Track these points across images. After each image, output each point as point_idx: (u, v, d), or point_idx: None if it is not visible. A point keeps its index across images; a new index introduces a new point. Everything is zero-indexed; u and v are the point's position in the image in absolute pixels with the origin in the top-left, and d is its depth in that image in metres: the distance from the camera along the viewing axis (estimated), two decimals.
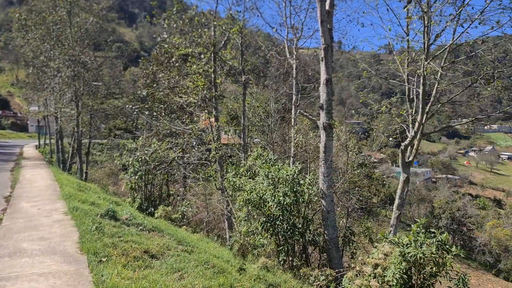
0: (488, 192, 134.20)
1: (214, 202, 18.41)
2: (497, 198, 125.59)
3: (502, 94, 12.03)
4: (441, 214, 70.42)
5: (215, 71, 17.76)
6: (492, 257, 66.42)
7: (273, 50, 17.32)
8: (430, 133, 15.40)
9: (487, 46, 11.67)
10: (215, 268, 8.31)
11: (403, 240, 9.15)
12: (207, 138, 17.23)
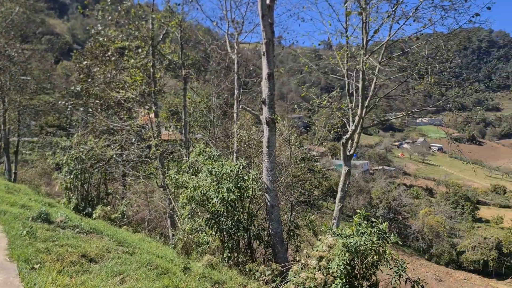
0: (421, 181, 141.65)
1: (155, 200, 17.91)
2: (429, 187, 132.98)
3: (434, 88, 12.56)
4: (378, 204, 73.41)
5: (154, 65, 17.23)
6: (425, 243, 70.24)
7: (214, 44, 17.06)
8: (369, 127, 15.87)
9: (420, 43, 12.13)
10: (159, 269, 8.03)
11: (345, 232, 9.32)
12: (147, 135, 16.71)
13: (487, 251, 69.74)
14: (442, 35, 12.11)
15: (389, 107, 51.34)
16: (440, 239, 71.71)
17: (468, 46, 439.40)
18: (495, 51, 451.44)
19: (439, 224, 76.93)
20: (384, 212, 72.13)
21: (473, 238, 73.52)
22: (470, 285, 56.59)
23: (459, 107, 12.81)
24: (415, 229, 71.08)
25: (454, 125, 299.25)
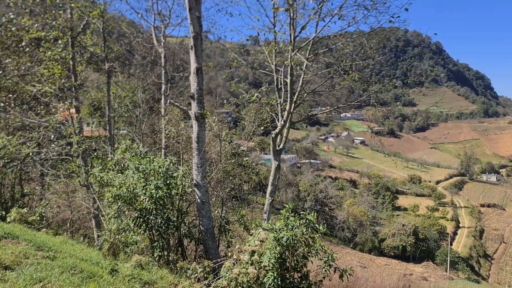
0: (345, 174, 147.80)
1: (78, 200, 17.00)
2: (353, 179, 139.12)
3: (357, 84, 13.03)
4: (306, 197, 75.69)
5: (74, 58, 16.28)
6: (350, 232, 73.57)
7: (139, 37, 16.47)
8: (298, 122, 16.16)
9: (345, 40, 12.52)
10: (84, 273, 7.59)
11: (276, 225, 9.40)
12: (68, 131, 15.77)
13: (405, 237, 74.45)
14: (364, 33, 12.57)
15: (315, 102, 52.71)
16: (363, 228, 75.47)
17: (387, 44, 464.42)
18: (410, 50, 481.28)
19: (362, 213, 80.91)
20: (311, 204, 74.46)
21: (393, 226, 78.18)
22: (390, 270, 60.10)
23: (380, 102, 13.40)
24: (340, 219, 74.20)
25: (375, 119, 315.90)
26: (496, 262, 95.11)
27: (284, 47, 12.09)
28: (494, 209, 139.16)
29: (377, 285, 18.88)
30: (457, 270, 73.32)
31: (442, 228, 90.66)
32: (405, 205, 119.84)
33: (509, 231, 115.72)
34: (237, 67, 13.45)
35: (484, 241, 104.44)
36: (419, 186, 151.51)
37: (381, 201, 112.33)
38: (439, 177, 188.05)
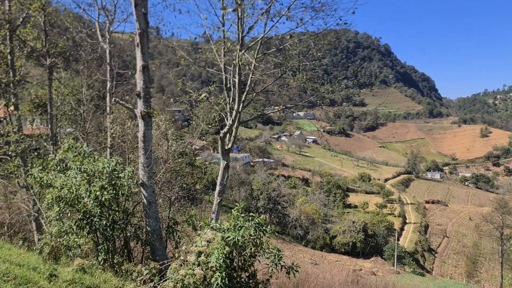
0: (298, 172, 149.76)
1: (18, 202, 16.19)
2: (305, 177, 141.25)
3: (307, 85, 13.18)
4: (259, 195, 76.05)
5: (13, 52, 15.49)
6: (302, 230, 74.64)
7: (83, 32, 15.87)
8: (247, 121, 16.17)
9: (293, 41, 12.64)
10: (18, 279, 7.22)
11: (224, 225, 9.36)
12: (5, 130, 14.97)
13: (355, 234, 76.41)
14: (312, 34, 12.73)
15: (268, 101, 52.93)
16: (315, 225, 76.76)
17: (338, 45, 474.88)
18: (360, 51, 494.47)
19: (314, 211, 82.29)
20: (264, 202, 74.93)
21: (344, 223, 80.00)
22: (341, 266, 61.44)
23: (327, 103, 13.63)
24: (293, 217, 75.07)
25: (327, 119, 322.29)
26: (439, 255, 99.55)
27: (232, 46, 12.04)
28: (438, 205, 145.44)
29: (327, 281, 19.23)
30: (404, 264, 76.07)
31: (390, 224, 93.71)
32: (356, 202, 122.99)
33: (451, 226, 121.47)
34: (188, 65, 13.28)
35: (428, 236, 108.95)
36: (369, 184, 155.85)
37: (333, 199, 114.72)
38: (388, 175, 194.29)
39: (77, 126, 18.08)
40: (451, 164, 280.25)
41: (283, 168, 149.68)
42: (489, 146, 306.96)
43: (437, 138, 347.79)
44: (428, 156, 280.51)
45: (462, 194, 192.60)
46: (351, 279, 25.34)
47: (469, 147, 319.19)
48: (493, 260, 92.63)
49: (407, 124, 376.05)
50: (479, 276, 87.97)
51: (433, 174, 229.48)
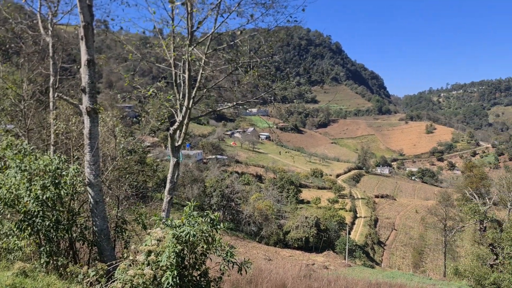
0: (251, 169, 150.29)
1: None
2: (259, 174, 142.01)
3: (257, 81, 13.17)
4: (212, 193, 75.64)
5: None
6: (256, 226, 74.95)
7: (23, 24, 15.08)
8: (198, 117, 15.99)
9: (243, 37, 12.59)
10: None
11: (175, 223, 9.22)
12: None
13: (308, 229, 77.60)
14: (263, 31, 12.73)
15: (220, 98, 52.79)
16: (269, 221, 77.29)
17: (290, 43, 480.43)
18: (312, 49, 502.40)
19: (268, 207, 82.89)
20: (218, 200, 74.65)
21: (297, 218, 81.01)
22: (294, 261, 62.24)
23: (279, 99, 13.69)
24: (247, 214, 75.24)
25: (279, 115, 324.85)
26: (388, 248, 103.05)
27: (181, 41, 11.84)
28: (387, 199, 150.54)
29: (280, 276, 19.38)
30: (355, 258, 78.12)
31: (341, 219, 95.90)
32: (308, 198, 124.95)
33: (399, 219, 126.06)
34: (136, 60, 12.94)
35: (378, 229, 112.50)
36: (321, 180, 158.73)
37: (286, 195, 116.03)
38: (339, 170, 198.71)
39: (17, 123, 17.19)
40: (399, 160, 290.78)
41: (236, 165, 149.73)
42: (434, 142, 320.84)
43: (386, 134, 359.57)
44: (378, 152, 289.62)
45: (409, 188, 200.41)
46: (304, 274, 25.71)
47: (415, 143, 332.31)
48: (437, 250, 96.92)
49: (358, 121, 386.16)
50: (425, 266, 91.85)
51: (382, 169, 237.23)
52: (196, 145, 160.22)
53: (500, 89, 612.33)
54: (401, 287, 26.30)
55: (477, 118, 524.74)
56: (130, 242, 12.26)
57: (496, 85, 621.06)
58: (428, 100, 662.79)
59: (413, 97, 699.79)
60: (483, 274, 22.13)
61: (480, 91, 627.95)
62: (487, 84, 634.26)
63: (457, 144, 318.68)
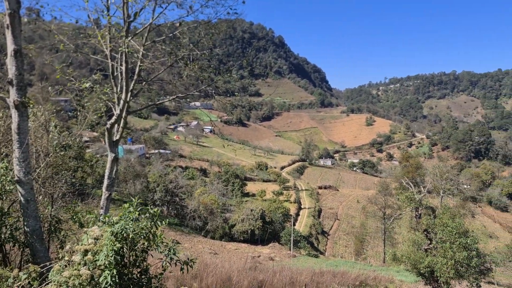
0: (196, 163, 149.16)
1: None
2: (203, 168, 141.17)
3: (197, 74, 12.94)
4: (156, 188, 74.22)
5: None
6: (201, 220, 74.43)
7: None
8: (138, 111, 15.55)
9: (183, 29, 12.33)
10: None
11: (114, 220, 8.92)
12: None
13: (253, 221, 78.16)
14: (203, 23, 12.53)
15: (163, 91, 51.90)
16: (214, 215, 77.05)
17: (233, 35, 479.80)
18: (255, 42, 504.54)
19: (213, 201, 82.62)
20: (161, 195, 73.42)
21: (242, 212, 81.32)
22: (240, 253, 62.56)
23: (219, 92, 13.59)
24: (191, 208, 74.51)
25: (223, 109, 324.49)
26: (331, 237, 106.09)
27: (116, 33, 11.40)
28: (330, 190, 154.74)
29: (225, 270, 19.30)
30: (300, 248, 79.70)
31: (286, 211, 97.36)
32: (253, 191, 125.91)
33: (342, 209, 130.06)
34: (71, 51, 12.32)
35: (322, 220, 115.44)
36: (266, 172, 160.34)
37: (231, 188, 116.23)
38: (283, 163, 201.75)
39: None
40: (341, 151, 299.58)
41: (180, 159, 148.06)
42: (373, 133, 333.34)
43: (328, 127, 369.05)
44: (321, 144, 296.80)
45: (351, 179, 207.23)
46: (250, 266, 25.85)
47: (356, 135, 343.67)
48: (377, 238, 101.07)
49: (301, 114, 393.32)
50: (366, 253, 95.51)
51: (325, 161, 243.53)
52: (138, 139, 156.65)
53: (433, 83, 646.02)
54: (343, 274, 27.04)
55: (413, 111, 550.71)
56: (66, 242, 11.73)
57: (430, 79, 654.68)
58: (367, 93, 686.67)
59: (353, 90, 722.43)
60: (418, 259, 23.23)
61: (416, 85, 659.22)
62: (422, 78, 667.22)
63: (394, 135, 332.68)
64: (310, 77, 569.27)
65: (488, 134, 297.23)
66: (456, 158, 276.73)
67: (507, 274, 64.67)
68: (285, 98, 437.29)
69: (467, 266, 21.75)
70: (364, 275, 27.82)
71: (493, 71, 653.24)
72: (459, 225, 22.76)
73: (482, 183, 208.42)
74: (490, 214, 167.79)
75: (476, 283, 22.37)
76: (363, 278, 26.42)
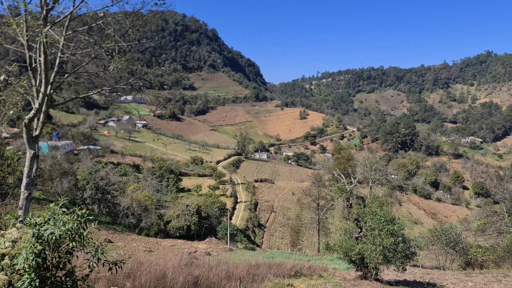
0: (128, 159, 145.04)
1: None
2: (136, 163, 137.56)
3: (126, 67, 12.44)
4: (85, 186, 71.17)
5: None
6: (135, 218, 72.50)
7: None
8: (60, 104, 14.77)
9: (107, 20, 11.79)
10: None
11: (36, 220, 8.42)
12: None
13: (189, 217, 77.43)
14: (129, 14, 12.07)
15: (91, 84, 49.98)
16: (148, 212, 75.32)
17: (165, 28, 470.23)
18: (188, 35, 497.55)
19: (147, 198, 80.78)
20: (92, 193, 70.61)
21: (178, 207, 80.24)
22: (177, 250, 61.76)
23: (148, 85, 13.17)
24: (124, 206, 72.30)
25: (156, 102, 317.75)
26: (268, 230, 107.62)
27: (32, 21, 10.67)
28: (266, 183, 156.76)
29: (160, 267, 18.92)
30: (236, 242, 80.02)
31: (222, 205, 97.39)
32: (189, 186, 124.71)
33: (278, 201, 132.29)
34: None
35: (258, 213, 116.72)
36: (201, 167, 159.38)
37: (166, 184, 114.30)
38: (219, 157, 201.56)
39: None
40: (276, 145, 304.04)
41: (111, 155, 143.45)
42: (307, 127, 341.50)
43: (263, 121, 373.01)
44: (256, 138, 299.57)
45: (286, 171, 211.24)
46: (185, 262, 25.58)
47: (290, 128, 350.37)
48: (312, 228, 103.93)
49: (236, 108, 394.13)
50: (301, 244, 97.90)
51: (260, 155, 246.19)
52: (65, 135, 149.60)
53: (363, 77, 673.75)
54: (279, 265, 27.46)
55: (344, 104, 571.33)
56: None
57: (360, 74, 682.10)
58: (301, 87, 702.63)
59: (287, 84, 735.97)
60: (349, 247, 24.08)
61: (346, 79, 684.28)
62: (352, 73, 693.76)
63: (327, 128, 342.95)
64: (245, 71, 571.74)
65: (413, 127, 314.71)
66: (384, 150, 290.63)
67: (430, 257, 68.92)
68: (219, 92, 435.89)
69: (394, 252, 22.85)
70: (299, 265, 28.44)
71: (417, 67, 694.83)
72: (386, 213, 23.84)
73: (408, 173, 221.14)
74: (415, 201, 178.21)
75: (402, 267, 23.56)
76: (298, 268, 26.99)
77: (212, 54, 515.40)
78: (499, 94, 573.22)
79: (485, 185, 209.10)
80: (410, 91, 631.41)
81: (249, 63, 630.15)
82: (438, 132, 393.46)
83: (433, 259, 64.75)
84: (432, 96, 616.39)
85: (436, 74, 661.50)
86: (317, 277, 25.38)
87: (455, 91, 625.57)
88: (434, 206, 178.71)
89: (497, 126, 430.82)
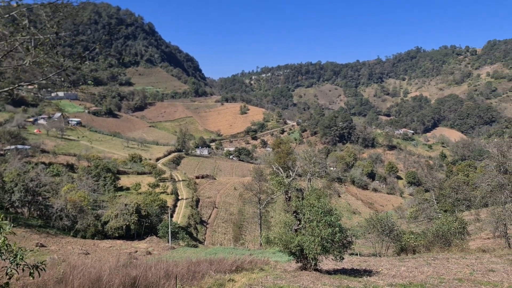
0: (61, 158, 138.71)
1: None
2: (70, 163, 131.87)
3: (43, 60, 11.50)
4: (13, 188, 67.32)
5: None
6: (70, 220, 69.47)
7: None
8: None
9: (20, 10, 10.89)
10: None
11: None
12: None
13: (128, 216, 75.37)
14: (43, 4, 11.20)
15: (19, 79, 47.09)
16: (84, 213, 72.57)
17: (99, 21, 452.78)
18: (123, 29, 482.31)
19: (82, 198, 77.78)
20: (21, 195, 66.94)
21: (116, 207, 77.84)
22: (116, 251, 59.91)
23: (72, 80, 12.36)
24: (57, 207, 69.10)
25: (91, 99, 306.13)
26: (210, 226, 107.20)
27: None
28: (207, 179, 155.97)
29: (96, 270, 18.07)
30: (178, 239, 78.96)
31: (163, 203, 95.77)
32: (128, 184, 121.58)
33: (220, 197, 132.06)
34: None
35: (200, 209, 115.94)
36: (140, 165, 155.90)
37: (103, 183, 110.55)
38: (159, 154, 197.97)
39: None
40: (217, 140, 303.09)
41: (42, 155, 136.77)
42: (248, 122, 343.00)
43: (204, 116, 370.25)
44: (196, 134, 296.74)
45: (228, 167, 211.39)
46: (123, 263, 24.68)
47: (231, 123, 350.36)
48: (254, 223, 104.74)
49: (175, 103, 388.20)
50: (244, 239, 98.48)
51: (201, 151, 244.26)
52: None
53: (302, 72, 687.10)
54: (220, 261, 27.32)
55: (284, 99, 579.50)
56: None
57: (298, 69, 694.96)
58: (241, 82, 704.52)
59: (227, 79, 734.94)
60: (289, 239, 24.30)
61: (286, 74, 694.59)
62: (291, 68, 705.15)
63: (268, 123, 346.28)
64: (183, 66, 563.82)
65: (350, 120, 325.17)
66: (323, 143, 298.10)
67: (367, 245, 71.63)
68: (158, 88, 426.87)
69: (331, 242, 23.34)
70: (240, 260, 28.43)
71: (353, 62, 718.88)
72: (324, 204, 24.32)
73: (346, 165, 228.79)
74: (353, 192, 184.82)
75: (340, 256, 24.18)
76: (239, 263, 26.96)
77: (149, 48, 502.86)
78: (428, 88, 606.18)
79: (416, 174, 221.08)
80: (347, 85, 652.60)
81: (187, 58, 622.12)
82: (374, 124, 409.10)
83: (370, 247, 67.34)
84: (367, 90, 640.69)
85: (370, 69, 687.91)
86: (258, 270, 25.45)
87: (389, 86, 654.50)
88: (371, 196, 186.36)
89: (427, 118, 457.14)
